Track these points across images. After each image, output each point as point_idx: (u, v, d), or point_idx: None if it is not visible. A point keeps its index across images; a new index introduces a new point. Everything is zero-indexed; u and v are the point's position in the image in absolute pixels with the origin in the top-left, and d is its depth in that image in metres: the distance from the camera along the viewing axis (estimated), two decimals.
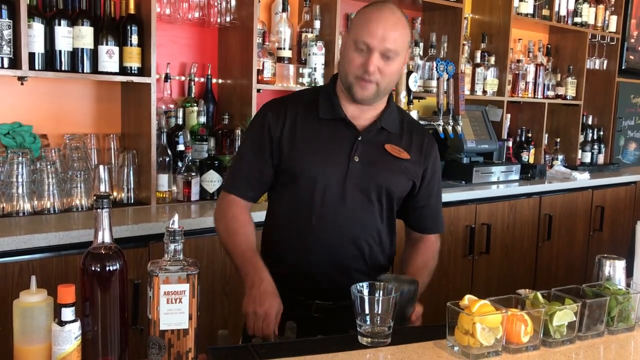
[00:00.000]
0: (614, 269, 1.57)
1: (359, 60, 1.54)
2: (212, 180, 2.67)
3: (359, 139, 1.62)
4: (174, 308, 1.11)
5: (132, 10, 2.44)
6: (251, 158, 1.66)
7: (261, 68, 2.81)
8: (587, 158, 4.65)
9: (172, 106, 2.78)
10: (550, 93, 4.35)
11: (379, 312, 1.33)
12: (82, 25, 2.32)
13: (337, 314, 1.63)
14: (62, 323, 1.09)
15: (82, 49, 2.34)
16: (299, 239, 1.64)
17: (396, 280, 1.46)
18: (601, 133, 4.80)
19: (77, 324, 1.10)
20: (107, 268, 1.13)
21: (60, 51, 2.30)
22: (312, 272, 1.64)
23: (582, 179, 3.96)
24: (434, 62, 3.33)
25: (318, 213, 1.61)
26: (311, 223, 1.61)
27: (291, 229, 1.65)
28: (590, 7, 4.42)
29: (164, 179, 2.58)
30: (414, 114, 3.13)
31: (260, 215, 1.83)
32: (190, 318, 1.12)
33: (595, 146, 4.73)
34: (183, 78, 2.89)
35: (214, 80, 2.96)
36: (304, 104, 1.67)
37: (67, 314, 1.09)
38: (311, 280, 1.64)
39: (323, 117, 1.63)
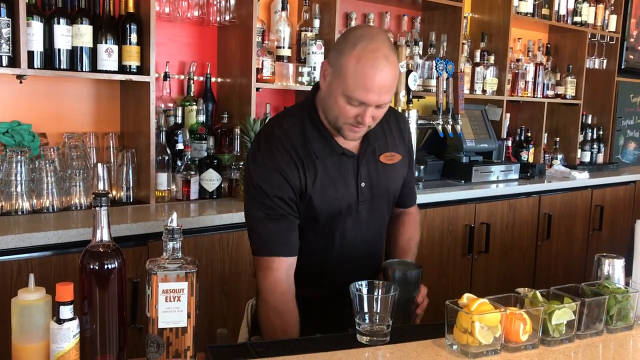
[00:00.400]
0: (613, 267, 1.57)
1: (353, 112, 1.46)
2: (211, 179, 2.67)
3: (361, 164, 1.61)
4: (172, 306, 1.11)
5: (131, 9, 2.44)
6: (280, 211, 1.52)
7: (260, 67, 2.81)
8: (587, 157, 4.65)
9: (171, 105, 2.78)
10: (550, 92, 4.34)
11: (378, 310, 1.33)
12: (81, 23, 2.32)
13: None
14: (60, 321, 1.09)
15: (81, 48, 2.33)
16: (325, 269, 1.65)
17: (402, 265, 1.51)
18: (600, 132, 4.80)
19: (76, 322, 1.10)
20: (106, 266, 1.12)
21: (59, 50, 2.29)
22: (335, 292, 1.58)
23: (582, 178, 3.96)
24: (434, 61, 3.33)
25: (339, 245, 1.62)
26: (335, 254, 1.63)
27: (317, 262, 1.64)
28: (589, 6, 4.42)
29: (163, 178, 2.57)
30: (413, 113, 3.13)
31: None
32: (188, 316, 1.11)
33: (595, 145, 4.73)
34: (182, 77, 2.89)
35: (213, 79, 2.95)
36: (299, 143, 1.54)
37: (66, 312, 1.09)
38: (333, 304, 1.62)
39: (320, 157, 1.55)
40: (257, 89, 2.79)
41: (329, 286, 1.65)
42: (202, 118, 2.79)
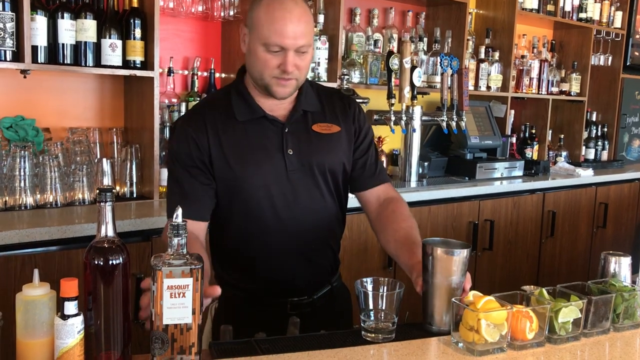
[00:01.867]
0: (620, 265, 1.56)
1: (275, 62, 1.46)
2: None
3: (286, 130, 1.55)
4: (177, 302, 1.09)
5: (135, 4, 2.43)
6: (189, 179, 1.53)
7: None
8: (591, 154, 4.63)
9: (175, 100, 2.78)
10: (555, 89, 4.33)
11: (383, 307, 1.32)
12: (85, 18, 2.31)
13: (314, 306, 1.63)
14: (65, 317, 1.08)
15: (85, 43, 2.33)
16: (259, 248, 1.58)
17: (445, 244, 1.41)
18: (605, 129, 4.78)
19: (80, 318, 1.10)
20: (110, 262, 1.12)
21: (63, 44, 2.29)
22: (282, 276, 1.60)
23: (586, 175, 3.94)
24: (438, 58, 3.31)
25: (272, 217, 1.55)
26: (268, 229, 1.56)
27: (248, 241, 1.58)
28: (595, 2, 4.40)
29: (166, 174, 2.56)
30: (417, 110, 3.12)
31: None
32: (193, 313, 1.11)
33: (599, 143, 4.71)
34: (186, 72, 2.88)
35: (217, 75, 2.95)
36: (218, 110, 1.56)
37: (70, 307, 1.08)
38: (281, 281, 1.61)
39: (242, 120, 1.54)
40: None
41: (272, 274, 1.60)
42: None
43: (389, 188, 1.73)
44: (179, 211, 1.13)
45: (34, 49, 2.20)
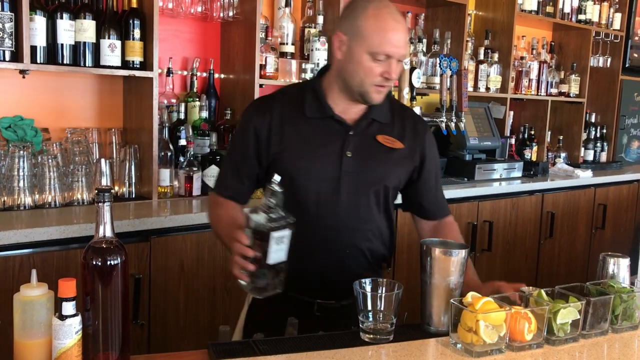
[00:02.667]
0: (618, 267, 1.56)
1: (379, 70, 1.52)
2: (214, 176, 2.66)
3: (350, 133, 1.59)
4: (279, 248, 1.34)
5: (134, 4, 2.43)
6: (239, 160, 1.64)
7: (264, 63, 2.80)
8: (590, 156, 4.64)
9: (174, 101, 2.77)
10: (554, 90, 4.33)
11: (382, 308, 1.32)
12: (84, 18, 2.31)
13: (339, 313, 1.62)
14: (62, 317, 1.08)
15: (84, 43, 2.33)
16: (296, 240, 1.58)
17: (443, 245, 1.44)
18: (604, 131, 4.79)
19: (78, 319, 1.10)
20: (109, 262, 1.12)
21: (62, 44, 2.29)
22: (312, 272, 1.62)
23: (585, 176, 3.94)
24: (437, 59, 3.31)
25: (314, 213, 1.58)
26: (308, 223, 1.57)
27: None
28: (594, 4, 4.40)
29: (165, 174, 2.57)
30: (416, 110, 3.11)
31: None
32: (287, 254, 1.35)
33: (598, 144, 4.72)
34: (185, 73, 2.88)
35: (216, 75, 2.94)
36: (290, 102, 1.63)
37: (68, 308, 1.08)
38: (312, 280, 1.62)
39: (311, 116, 1.60)
40: (261, 85, 2.78)
41: (303, 271, 1.60)
42: (205, 114, 2.78)
43: (449, 217, 1.81)
44: (276, 177, 1.35)
45: (33, 49, 2.20)
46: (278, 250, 1.34)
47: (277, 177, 1.35)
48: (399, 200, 1.79)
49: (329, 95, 1.61)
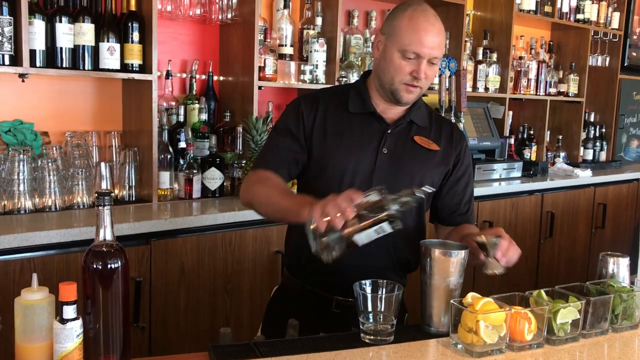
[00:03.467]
0: (618, 266, 1.56)
1: (408, 68, 1.56)
2: (214, 178, 2.66)
3: (388, 131, 1.63)
4: (372, 234, 1.29)
5: (133, 7, 2.43)
6: (285, 140, 1.65)
7: (263, 65, 2.80)
8: (589, 155, 4.64)
9: (173, 103, 2.78)
10: (553, 90, 4.33)
11: (382, 309, 1.32)
12: (83, 22, 2.32)
13: (356, 312, 1.62)
14: (63, 321, 1.08)
15: (83, 46, 2.33)
16: None
17: (443, 246, 1.44)
18: (603, 130, 4.79)
19: (79, 322, 1.10)
20: (109, 266, 1.12)
21: (61, 48, 2.29)
22: (333, 268, 1.59)
23: (584, 176, 3.95)
24: None
25: None
26: None
27: None
28: (592, 3, 4.41)
29: (165, 177, 2.57)
30: None
31: None
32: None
33: (598, 143, 4.72)
34: (184, 75, 2.89)
35: (215, 78, 2.95)
36: (335, 98, 1.69)
37: (69, 311, 1.08)
38: (334, 277, 1.62)
39: (353, 111, 1.65)
40: (260, 87, 2.78)
41: (324, 266, 1.62)
42: (204, 116, 2.78)
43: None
44: (427, 188, 1.36)
45: (32, 52, 2.20)
46: (370, 235, 1.30)
47: (428, 188, 1.36)
48: None
49: (371, 94, 1.67)
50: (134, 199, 2.54)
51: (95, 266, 1.12)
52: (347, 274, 1.60)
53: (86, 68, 2.35)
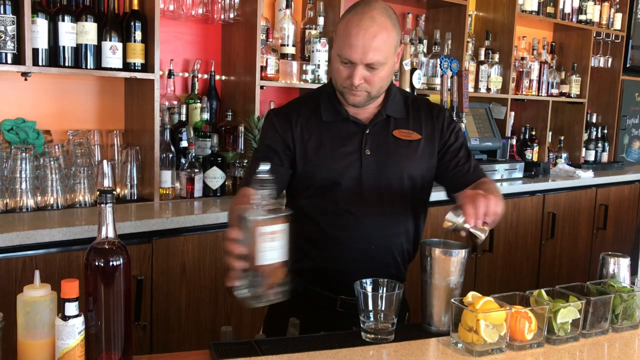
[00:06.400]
0: (619, 266, 1.57)
1: (345, 73, 1.54)
2: (215, 177, 2.67)
3: (367, 132, 1.62)
4: (270, 246, 1.21)
5: (135, 6, 2.44)
6: (265, 158, 1.61)
7: (265, 65, 2.81)
8: (591, 156, 4.64)
9: (175, 103, 2.78)
10: (555, 91, 4.33)
11: (382, 308, 1.33)
12: (86, 21, 2.32)
13: None
14: (65, 318, 1.09)
15: (86, 45, 2.33)
16: (323, 239, 1.64)
17: (444, 245, 1.44)
18: (605, 131, 4.79)
19: (81, 319, 1.10)
20: (111, 263, 1.12)
21: (63, 47, 2.29)
22: (337, 269, 1.64)
23: (586, 177, 3.94)
24: (438, 60, 3.32)
25: (340, 212, 1.61)
26: (335, 223, 1.62)
27: (314, 227, 1.64)
28: (595, 4, 4.41)
29: (167, 176, 2.57)
30: None
31: None
32: (283, 253, 1.22)
33: (599, 144, 4.72)
34: (186, 74, 2.89)
35: (217, 77, 2.95)
36: (306, 108, 1.67)
37: (71, 308, 1.09)
38: (336, 277, 1.63)
39: (327, 120, 1.64)
40: (261, 87, 2.79)
41: (327, 267, 1.63)
42: (206, 116, 2.79)
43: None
44: (262, 167, 1.25)
45: (35, 51, 2.21)
46: (270, 248, 1.21)
47: (264, 166, 1.26)
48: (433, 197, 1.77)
49: (340, 98, 1.64)
50: (135, 197, 2.55)
51: (97, 263, 1.12)
52: (351, 273, 1.60)
53: (89, 67, 2.35)
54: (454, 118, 3.24)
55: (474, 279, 3.36)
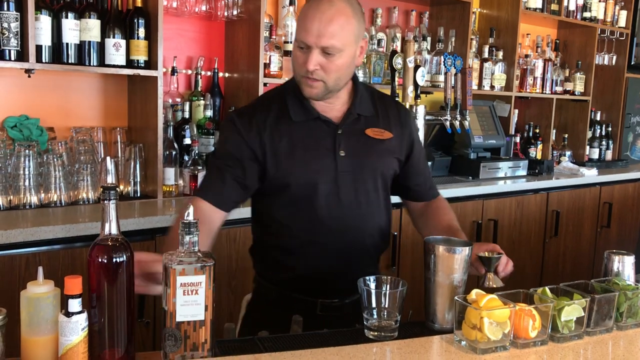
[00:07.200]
0: (623, 264, 1.56)
1: (301, 59, 1.48)
2: None
3: (339, 132, 1.57)
4: (190, 299, 1.10)
5: (139, 3, 2.44)
6: (226, 167, 1.55)
7: (268, 62, 2.80)
8: (595, 154, 4.62)
9: (178, 100, 2.78)
10: (559, 88, 4.32)
11: (386, 305, 1.32)
12: (89, 18, 2.32)
13: (342, 311, 1.62)
14: (69, 314, 1.09)
15: (89, 42, 2.33)
16: (301, 247, 1.60)
17: (447, 242, 1.45)
18: (609, 129, 4.77)
19: (84, 315, 1.10)
20: (114, 260, 1.12)
21: (67, 44, 2.30)
22: (315, 274, 1.61)
23: (590, 175, 3.93)
24: (442, 57, 3.31)
25: (315, 217, 1.56)
26: (312, 227, 1.57)
27: (291, 236, 1.60)
28: (599, 1, 4.39)
29: (170, 173, 2.57)
30: (421, 109, 3.11)
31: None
32: (206, 309, 1.11)
33: (604, 142, 4.70)
34: (190, 72, 2.89)
35: (220, 74, 2.95)
36: (273, 108, 1.59)
37: (74, 305, 1.09)
38: (315, 281, 1.61)
39: (297, 120, 1.56)
40: (265, 84, 2.78)
41: (306, 272, 1.60)
42: (209, 113, 2.78)
43: (439, 197, 1.83)
44: (191, 209, 1.14)
45: (38, 48, 2.21)
46: (186, 303, 1.08)
47: (190, 210, 1.14)
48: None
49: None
50: (139, 195, 2.55)
51: (100, 260, 1.12)
52: (331, 276, 1.60)
53: (92, 64, 2.35)
54: (457, 116, 3.25)
55: (477, 277, 3.35)
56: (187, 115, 2.74)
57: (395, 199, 1.76)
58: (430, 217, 1.75)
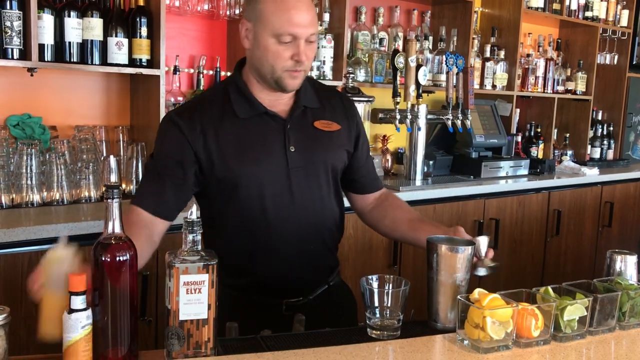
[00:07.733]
0: (626, 264, 1.56)
1: (288, 53, 1.44)
2: None
3: (288, 127, 1.53)
4: (193, 298, 1.11)
5: (141, 2, 2.44)
6: (164, 169, 1.49)
7: None
8: (597, 153, 4.62)
9: (180, 99, 2.78)
10: (560, 88, 4.32)
11: (389, 304, 1.33)
12: (92, 16, 2.32)
13: (308, 309, 1.58)
14: (70, 311, 1.08)
15: (92, 41, 2.34)
16: (257, 247, 1.55)
17: (450, 242, 1.45)
18: (611, 129, 4.77)
19: (85, 313, 1.10)
20: (117, 258, 1.12)
21: (69, 42, 2.30)
22: (277, 274, 1.57)
23: (592, 174, 3.93)
24: (444, 56, 3.31)
25: (269, 217, 1.51)
26: (267, 228, 1.52)
27: (246, 239, 1.54)
28: (601, 1, 4.39)
29: None
30: (422, 108, 3.12)
31: None
32: (209, 308, 1.12)
33: (605, 142, 4.70)
34: (192, 70, 2.89)
35: (222, 73, 2.95)
36: (215, 105, 1.52)
37: (77, 302, 1.08)
38: (277, 282, 1.57)
39: (243, 117, 1.50)
40: None
41: (267, 274, 1.56)
42: None
43: (383, 189, 1.81)
44: (194, 208, 1.15)
45: (41, 47, 2.21)
46: (189, 302, 1.10)
47: (194, 208, 1.15)
48: None
49: (252, 90, 1.53)
50: None
51: (103, 258, 1.12)
52: (293, 275, 1.57)
53: (94, 63, 2.35)
54: (459, 115, 3.25)
55: (478, 276, 3.35)
56: None
57: None
58: (389, 209, 1.72)
